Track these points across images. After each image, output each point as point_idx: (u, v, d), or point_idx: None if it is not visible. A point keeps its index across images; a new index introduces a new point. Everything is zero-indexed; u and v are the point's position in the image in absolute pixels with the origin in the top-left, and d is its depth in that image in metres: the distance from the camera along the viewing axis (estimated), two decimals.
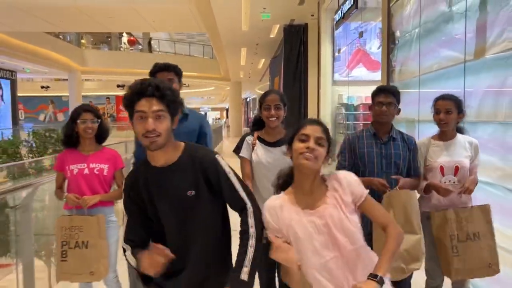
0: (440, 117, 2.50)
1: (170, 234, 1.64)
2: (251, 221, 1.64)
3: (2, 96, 21.17)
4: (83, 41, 26.28)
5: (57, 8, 11.50)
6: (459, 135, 2.56)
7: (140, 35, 29.37)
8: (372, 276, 1.38)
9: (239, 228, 1.66)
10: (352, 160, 2.49)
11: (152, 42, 29.07)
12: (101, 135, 2.72)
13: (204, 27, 13.48)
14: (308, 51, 11.10)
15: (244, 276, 1.55)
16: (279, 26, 12.17)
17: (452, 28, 3.56)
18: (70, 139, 2.64)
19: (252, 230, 1.62)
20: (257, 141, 2.58)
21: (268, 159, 2.46)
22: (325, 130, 1.61)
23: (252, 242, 1.61)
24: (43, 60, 19.77)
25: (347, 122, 8.70)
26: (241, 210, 1.66)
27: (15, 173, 10.55)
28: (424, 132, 3.66)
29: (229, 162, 1.72)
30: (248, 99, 44.73)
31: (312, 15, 10.64)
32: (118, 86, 32.86)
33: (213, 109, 63.69)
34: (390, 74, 5.07)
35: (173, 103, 1.59)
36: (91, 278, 2.57)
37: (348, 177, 1.62)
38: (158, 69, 2.59)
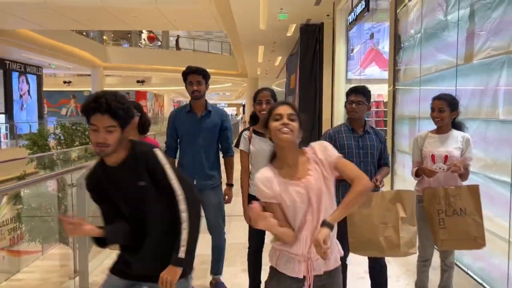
0: (434, 115, 2.93)
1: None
2: (183, 207, 1.87)
3: (29, 91, 22.09)
4: (104, 37, 27.04)
5: (85, 8, 12.12)
6: (454, 130, 2.94)
7: (160, 32, 29.94)
8: (323, 223, 1.73)
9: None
10: None
11: (179, 40, 29.66)
12: (143, 127, 3.00)
13: (223, 26, 13.95)
14: (324, 50, 11.50)
15: (181, 254, 1.85)
16: (295, 25, 12.56)
17: (447, 35, 3.98)
18: None
19: (184, 215, 1.86)
20: (253, 134, 2.94)
21: (265, 148, 2.75)
22: (294, 107, 1.88)
23: (185, 225, 1.86)
24: (68, 56, 20.57)
25: None
26: (174, 198, 1.89)
27: (45, 163, 11.30)
28: (424, 128, 4.08)
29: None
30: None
31: (328, 15, 11.02)
32: (138, 81, 33.64)
33: (230, 105, 64.27)
34: (396, 74, 5.49)
35: (123, 118, 1.79)
36: None
37: (323, 144, 1.88)
38: (189, 71, 3.08)
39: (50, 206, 7.77)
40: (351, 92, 2.86)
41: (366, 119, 2.93)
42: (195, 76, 3.08)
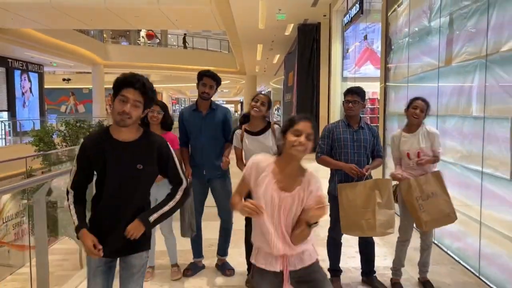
0: (416, 112, 3.31)
1: (110, 195, 2.04)
2: (180, 192, 2.15)
3: (31, 88, 22.40)
4: (105, 35, 27.27)
5: (89, 8, 12.47)
6: (422, 127, 3.28)
7: (159, 30, 30.15)
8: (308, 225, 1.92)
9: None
10: (330, 144, 3.20)
11: (186, 38, 29.81)
12: (166, 124, 3.40)
13: (223, 25, 14.29)
14: (321, 49, 11.89)
15: (151, 219, 2.05)
16: (293, 25, 12.93)
17: (431, 40, 4.38)
18: (141, 125, 3.35)
19: (178, 197, 2.14)
20: (244, 133, 3.26)
21: (255, 145, 3.17)
22: (314, 126, 1.95)
23: (172, 203, 2.12)
24: (70, 55, 20.85)
25: None
26: (178, 185, 2.17)
27: (51, 160, 11.67)
28: None
29: None
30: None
31: (325, 15, 11.40)
32: None
33: (228, 102, 64.60)
34: (387, 73, 5.90)
35: (149, 99, 2.06)
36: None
37: (319, 182, 2.00)
38: (207, 74, 3.42)
39: (56, 200, 7.93)
40: (348, 92, 3.21)
41: (361, 115, 3.31)
42: (209, 80, 3.41)
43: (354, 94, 3.16)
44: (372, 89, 9.29)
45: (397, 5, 5.48)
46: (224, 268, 3.68)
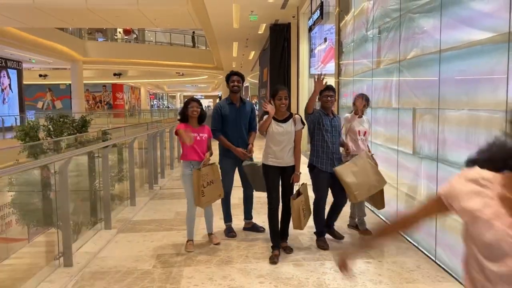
0: (361, 108, 4.34)
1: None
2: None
3: (10, 85, 22.68)
4: (82, 31, 27.51)
5: (71, 8, 13.09)
6: (364, 115, 4.39)
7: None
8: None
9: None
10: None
11: (146, 33, 30.10)
12: (202, 116, 4.14)
13: (200, 24, 15.10)
14: (290, 47, 12.88)
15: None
16: (265, 25, 13.85)
17: (368, 46, 5.41)
18: (182, 119, 4.16)
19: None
20: (272, 119, 3.81)
21: (279, 130, 3.79)
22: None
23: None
24: (49, 51, 21.25)
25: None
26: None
27: (36, 153, 12.30)
28: None
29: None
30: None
31: (294, 17, 12.36)
32: (115, 74, 34.05)
33: (206, 97, 65.12)
34: (340, 72, 6.93)
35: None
36: (219, 197, 4.21)
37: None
38: (233, 73, 4.42)
39: (39, 192, 8.31)
40: (327, 89, 4.03)
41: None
42: (236, 77, 4.38)
43: (330, 91, 4.05)
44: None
45: (346, 16, 6.51)
46: (256, 228, 4.61)
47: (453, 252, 3.40)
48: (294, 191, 3.89)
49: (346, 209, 4.48)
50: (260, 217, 4.89)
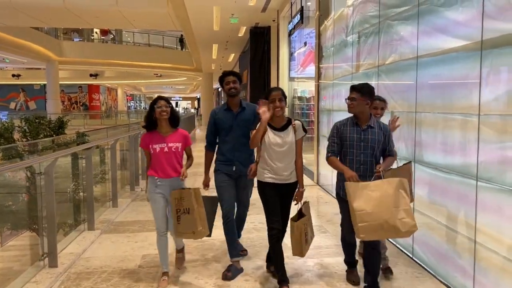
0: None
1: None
2: None
3: None
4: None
5: (48, 8, 12.86)
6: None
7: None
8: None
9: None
10: (340, 143, 3.12)
11: (129, 34, 29.76)
12: (174, 118, 3.33)
13: (179, 26, 15.07)
14: (270, 50, 13.01)
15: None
16: (246, 28, 13.95)
17: (348, 51, 5.59)
18: (149, 123, 3.31)
19: None
20: (268, 127, 3.18)
21: (277, 140, 3.16)
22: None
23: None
24: (24, 51, 20.76)
25: (303, 112, 11.01)
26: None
27: (11, 155, 12.02)
28: (336, 118, 5.68)
29: (201, 147, 3.03)
30: (219, 89, 46.16)
31: (274, 20, 12.50)
32: (91, 75, 33.52)
33: (184, 99, 64.80)
34: (320, 76, 7.09)
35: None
36: (194, 236, 3.22)
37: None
38: (226, 73, 3.64)
39: (18, 195, 8.13)
40: (350, 89, 3.13)
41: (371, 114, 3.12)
42: (230, 77, 3.61)
43: (353, 91, 3.08)
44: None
45: (326, 21, 6.67)
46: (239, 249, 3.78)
47: (429, 249, 3.57)
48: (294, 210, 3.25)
49: None
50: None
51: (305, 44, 9.60)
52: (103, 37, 30.31)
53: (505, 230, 2.60)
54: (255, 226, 4.81)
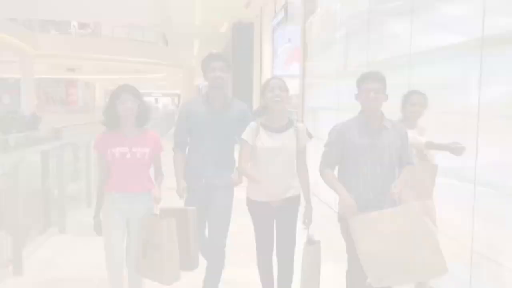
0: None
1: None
2: None
3: None
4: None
5: None
6: None
7: None
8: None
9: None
10: (341, 152, 2.36)
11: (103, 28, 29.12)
12: (144, 116, 2.56)
13: (159, 19, 14.77)
14: (254, 47, 12.84)
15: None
16: (228, 24, 13.76)
17: (335, 48, 5.44)
18: (110, 120, 2.53)
19: None
20: (261, 127, 2.48)
21: (274, 144, 2.45)
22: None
23: None
24: None
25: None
26: None
27: None
28: (323, 117, 5.53)
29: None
30: (201, 86, 45.77)
31: (257, 16, 12.35)
32: (69, 69, 32.74)
33: (164, 95, 64.00)
34: (306, 73, 6.94)
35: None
36: (163, 282, 2.44)
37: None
38: (210, 58, 2.74)
39: None
40: (366, 78, 2.37)
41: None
42: (218, 64, 2.69)
43: (375, 80, 2.33)
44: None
45: (311, 17, 6.52)
46: None
47: None
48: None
49: None
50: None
51: (289, 41, 9.45)
52: (81, 31, 29.65)
53: None
54: None
